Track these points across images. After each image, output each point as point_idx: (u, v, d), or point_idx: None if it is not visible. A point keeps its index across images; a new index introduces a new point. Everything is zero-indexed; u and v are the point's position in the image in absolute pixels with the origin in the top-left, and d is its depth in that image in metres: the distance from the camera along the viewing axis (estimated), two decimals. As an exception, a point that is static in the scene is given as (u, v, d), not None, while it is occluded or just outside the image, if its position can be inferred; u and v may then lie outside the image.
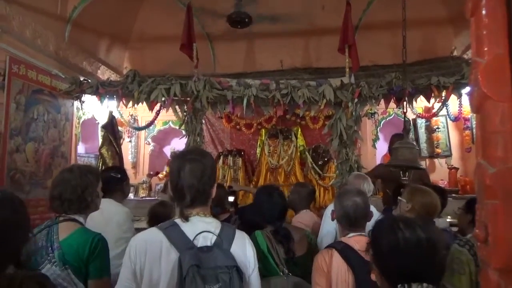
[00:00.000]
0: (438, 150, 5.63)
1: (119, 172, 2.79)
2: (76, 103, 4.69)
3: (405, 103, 3.71)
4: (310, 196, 3.21)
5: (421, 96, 4.06)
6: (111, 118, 4.90)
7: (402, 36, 3.41)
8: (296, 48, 5.90)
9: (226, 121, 6.04)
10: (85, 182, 1.84)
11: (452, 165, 5.54)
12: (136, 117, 6.27)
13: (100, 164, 4.65)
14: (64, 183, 1.82)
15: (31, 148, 3.97)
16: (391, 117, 5.87)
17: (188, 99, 4.14)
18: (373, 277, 1.20)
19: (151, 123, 5.37)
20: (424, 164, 5.49)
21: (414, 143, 4.42)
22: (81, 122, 4.92)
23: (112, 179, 2.64)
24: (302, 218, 2.98)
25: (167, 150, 6.63)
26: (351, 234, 1.86)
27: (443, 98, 4.12)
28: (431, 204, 2.20)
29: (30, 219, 1.31)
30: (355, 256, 1.72)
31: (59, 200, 1.80)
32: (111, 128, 4.67)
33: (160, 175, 6.24)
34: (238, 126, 6.06)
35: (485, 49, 0.94)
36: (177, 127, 5.64)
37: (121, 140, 5.47)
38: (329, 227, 2.64)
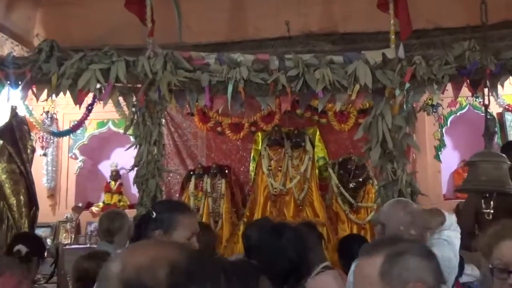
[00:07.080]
0: (540, 163, 5.66)
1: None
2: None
3: (485, 89, 3.71)
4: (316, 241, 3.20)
5: (511, 77, 4.09)
6: (16, 118, 4.85)
7: (479, -17, 3.43)
8: (310, 3, 5.92)
9: (200, 121, 6.04)
10: None
11: (562, 187, 5.56)
12: (54, 116, 6.24)
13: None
14: None
15: None
16: (463, 111, 5.91)
17: (139, 86, 4.13)
18: None
19: (79, 124, 5.34)
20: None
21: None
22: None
23: None
24: (324, 282, 2.96)
25: (106, 168, 6.60)
26: None
27: (545, 80, 4.16)
28: None
29: None
30: None
31: None
32: (12, 134, 4.61)
33: (94, 208, 6.20)
34: (219, 128, 6.06)
35: None
36: (121, 131, 5.61)
37: (31, 153, 5.41)
38: None
